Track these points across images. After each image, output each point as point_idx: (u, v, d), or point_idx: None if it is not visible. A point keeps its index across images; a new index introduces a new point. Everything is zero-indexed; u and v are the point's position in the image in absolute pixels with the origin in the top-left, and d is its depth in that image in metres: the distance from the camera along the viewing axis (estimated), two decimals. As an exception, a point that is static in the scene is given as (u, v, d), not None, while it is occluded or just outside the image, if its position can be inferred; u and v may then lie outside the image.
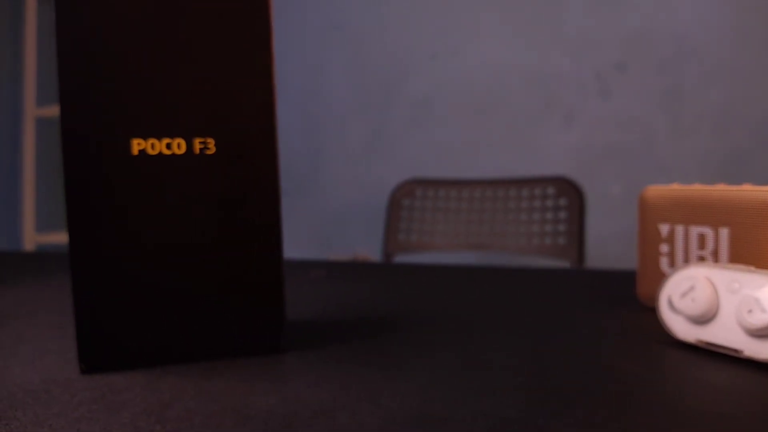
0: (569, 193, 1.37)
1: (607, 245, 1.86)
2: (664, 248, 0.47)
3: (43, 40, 2.06)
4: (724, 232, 0.43)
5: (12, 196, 2.02)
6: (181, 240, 0.36)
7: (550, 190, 1.40)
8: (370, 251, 2.09)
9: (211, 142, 0.36)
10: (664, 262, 0.47)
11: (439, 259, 1.87)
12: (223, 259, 0.36)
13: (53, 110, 1.96)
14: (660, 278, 0.47)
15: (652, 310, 0.48)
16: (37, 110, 1.98)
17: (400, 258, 1.54)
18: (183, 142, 0.35)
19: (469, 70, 2.03)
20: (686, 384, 0.32)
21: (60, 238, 1.98)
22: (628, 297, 0.53)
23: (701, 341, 0.37)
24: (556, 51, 1.93)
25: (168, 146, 0.35)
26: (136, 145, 0.34)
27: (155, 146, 0.35)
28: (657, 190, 0.47)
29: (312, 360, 0.37)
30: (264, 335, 0.38)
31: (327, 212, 2.24)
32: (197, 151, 0.35)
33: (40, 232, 2.04)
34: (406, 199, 1.52)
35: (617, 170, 1.88)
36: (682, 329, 0.38)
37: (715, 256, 0.44)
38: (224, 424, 0.28)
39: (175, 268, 0.36)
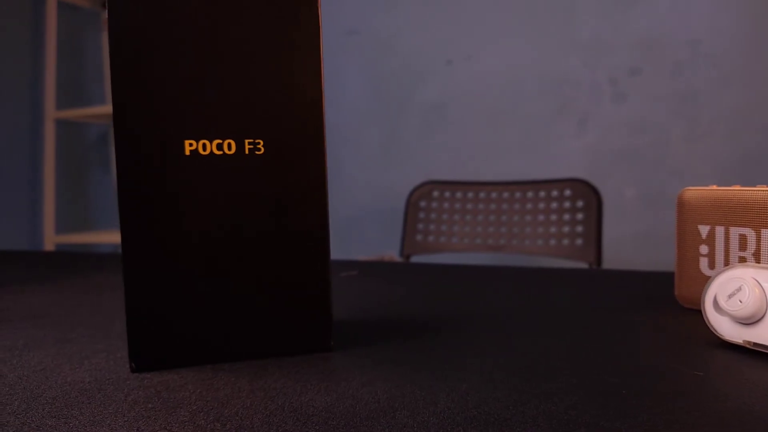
0: (586, 195, 1.37)
1: (622, 248, 1.85)
2: (703, 249, 0.46)
3: (62, 44, 2.07)
4: (767, 234, 0.43)
5: (32, 197, 2.03)
6: (232, 239, 0.36)
7: (567, 192, 1.40)
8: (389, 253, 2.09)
9: (260, 143, 0.36)
10: (703, 263, 0.46)
11: (456, 260, 1.87)
12: (273, 258, 0.37)
13: (73, 113, 1.97)
14: (699, 279, 0.47)
15: (692, 311, 0.48)
16: (57, 113, 1.99)
17: (417, 259, 1.54)
18: (233, 143, 0.35)
19: (484, 74, 2.04)
20: (737, 384, 0.32)
21: (79, 238, 1.99)
22: (664, 298, 0.53)
23: (748, 342, 0.37)
24: (570, 55, 1.93)
25: (219, 147, 0.35)
26: (188, 145, 0.35)
27: (206, 147, 0.35)
28: (696, 192, 0.47)
29: (360, 359, 0.37)
30: (314, 334, 0.38)
31: (345, 215, 2.24)
32: (247, 151, 0.36)
33: (58, 233, 2.05)
34: (423, 201, 1.52)
35: (631, 174, 1.87)
36: (728, 330, 0.38)
37: (757, 258, 0.43)
38: (286, 423, 0.28)
39: (226, 267, 0.36)
